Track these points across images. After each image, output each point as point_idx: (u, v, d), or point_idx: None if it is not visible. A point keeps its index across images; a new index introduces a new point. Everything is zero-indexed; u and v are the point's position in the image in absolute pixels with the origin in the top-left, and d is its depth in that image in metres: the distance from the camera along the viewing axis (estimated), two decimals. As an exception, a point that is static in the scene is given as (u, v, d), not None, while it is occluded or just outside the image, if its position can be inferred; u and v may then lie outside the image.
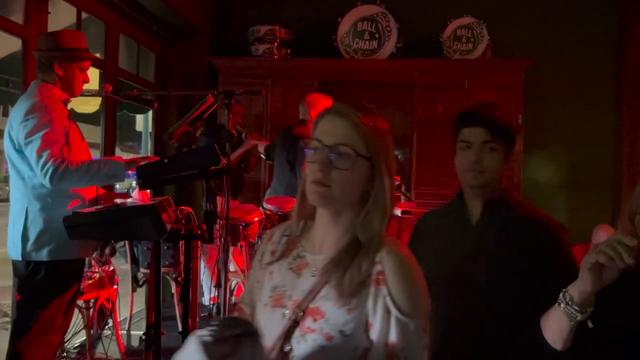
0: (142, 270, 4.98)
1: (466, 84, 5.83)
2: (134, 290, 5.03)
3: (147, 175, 2.49)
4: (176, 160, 2.54)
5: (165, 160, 2.54)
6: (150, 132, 9.70)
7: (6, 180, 26.95)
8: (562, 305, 1.44)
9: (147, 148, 10.44)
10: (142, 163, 2.76)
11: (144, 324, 5.28)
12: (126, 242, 4.84)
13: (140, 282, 5.13)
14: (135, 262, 4.97)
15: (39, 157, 2.68)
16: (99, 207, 2.69)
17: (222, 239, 2.94)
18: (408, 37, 6.08)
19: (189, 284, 2.80)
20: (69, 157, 2.75)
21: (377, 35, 6.07)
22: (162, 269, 4.98)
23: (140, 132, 11.09)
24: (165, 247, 4.91)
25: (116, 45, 5.25)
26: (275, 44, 6.10)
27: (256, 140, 5.18)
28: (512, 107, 5.76)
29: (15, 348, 2.81)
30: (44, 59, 2.98)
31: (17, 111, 2.81)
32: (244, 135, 5.59)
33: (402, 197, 5.47)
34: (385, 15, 6.05)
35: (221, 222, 3.04)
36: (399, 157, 7.07)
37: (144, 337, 2.96)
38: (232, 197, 5.09)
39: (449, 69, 5.94)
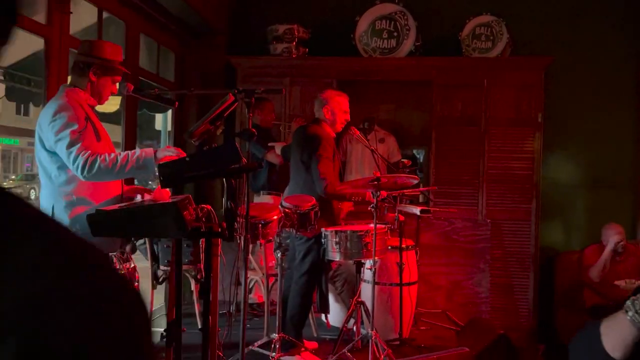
0: (162, 267, 5.02)
1: (485, 82, 5.81)
2: (154, 288, 5.09)
3: (169, 173, 2.52)
4: (197, 158, 2.57)
5: (187, 159, 2.57)
6: (169, 131, 9.78)
7: (26, 178, 27.31)
8: (631, 313, 1.42)
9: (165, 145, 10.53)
10: (168, 154, 2.80)
11: (163, 321, 5.35)
12: (146, 239, 4.90)
13: (160, 280, 5.18)
14: (155, 259, 5.02)
15: (69, 152, 2.77)
16: (121, 205, 2.72)
17: (242, 237, 2.96)
18: (426, 36, 6.07)
19: (209, 282, 2.82)
20: (97, 151, 2.82)
21: (395, 34, 6.07)
22: (182, 267, 5.04)
23: (159, 131, 11.15)
24: (185, 245, 4.94)
25: (136, 45, 5.30)
26: (294, 42, 6.12)
27: (298, 124, 5.20)
28: (531, 105, 5.74)
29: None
30: (81, 64, 3.07)
31: (46, 113, 2.92)
32: (286, 127, 5.65)
33: (421, 197, 5.47)
34: (404, 13, 6.05)
35: (241, 220, 3.06)
36: (417, 156, 7.07)
37: (164, 333, 3.00)
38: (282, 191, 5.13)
39: (467, 67, 5.92)
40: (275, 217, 3.61)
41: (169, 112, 7.67)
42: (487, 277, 5.77)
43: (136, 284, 4.08)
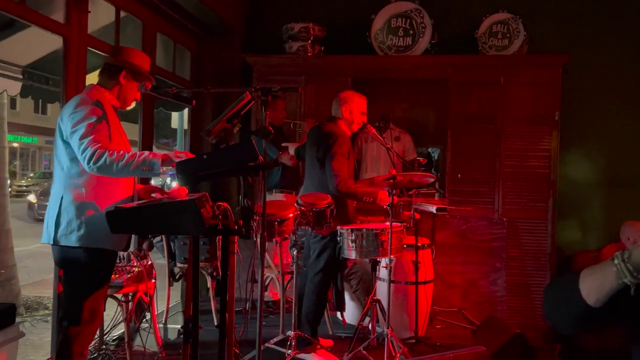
0: (178, 264, 5.06)
1: (502, 80, 5.77)
2: (170, 285, 5.12)
3: (186, 171, 2.53)
4: (214, 156, 2.58)
5: (204, 157, 2.59)
6: (185, 129, 9.82)
7: (44, 176, 27.56)
8: (617, 260, 1.40)
9: (182, 145, 10.58)
10: (179, 159, 2.81)
11: (180, 318, 5.40)
12: (163, 237, 4.93)
13: (177, 277, 5.22)
14: (172, 256, 5.06)
15: (81, 142, 2.81)
16: (140, 202, 2.74)
17: (259, 235, 2.97)
18: (443, 34, 6.05)
19: (226, 279, 2.84)
20: (109, 146, 2.85)
21: (411, 32, 6.05)
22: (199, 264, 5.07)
23: (175, 129, 11.23)
24: (202, 243, 4.96)
25: (153, 43, 5.33)
26: (309, 41, 6.12)
27: (310, 124, 5.22)
28: (548, 103, 5.69)
29: (65, 339, 2.90)
30: (113, 67, 3.12)
31: (69, 105, 3.00)
32: (297, 125, 5.66)
33: (437, 194, 5.46)
34: (420, 11, 6.03)
35: (257, 218, 3.08)
36: (432, 154, 7.05)
37: (182, 330, 3.02)
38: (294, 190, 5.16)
39: (484, 65, 5.89)
40: (291, 215, 3.62)
41: (185, 111, 7.72)
42: (503, 276, 5.74)
43: (153, 280, 4.13)
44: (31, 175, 30.06)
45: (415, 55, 6.04)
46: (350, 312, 4.93)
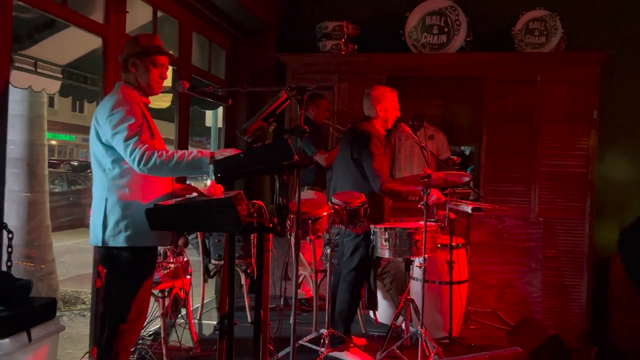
0: (213, 261, 5.12)
1: (538, 78, 5.69)
2: (205, 281, 5.19)
3: (224, 169, 2.56)
4: (251, 155, 2.61)
5: (242, 155, 2.61)
6: (219, 128, 9.89)
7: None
8: None
9: (216, 143, 10.66)
10: (219, 157, 2.83)
11: (214, 314, 5.46)
12: (198, 234, 4.99)
13: (211, 273, 5.28)
14: (206, 253, 5.12)
15: (127, 144, 2.82)
16: (178, 200, 2.78)
17: (294, 233, 2.98)
18: (478, 31, 5.98)
19: (261, 277, 2.86)
20: (155, 146, 2.87)
21: (446, 29, 6.00)
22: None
23: (209, 128, 11.31)
24: (236, 240, 5.03)
25: (189, 43, 5.40)
26: (343, 39, 6.12)
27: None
28: (586, 101, 5.60)
29: (112, 336, 2.95)
30: (122, 61, 3.13)
31: (103, 108, 2.97)
32: (334, 128, 5.68)
33: (472, 194, 5.40)
34: (455, 8, 5.98)
35: (292, 216, 3.09)
36: (466, 152, 6.98)
37: (217, 326, 3.05)
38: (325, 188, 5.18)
39: (520, 62, 5.81)
40: (325, 214, 3.63)
41: (219, 109, 7.80)
42: (539, 277, 5.67)
43: (189, 277, 4.18)
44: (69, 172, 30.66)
45: (450, 53, 5.99)
46: (383, 311, 4.92)
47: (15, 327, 2.81)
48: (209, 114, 11.26)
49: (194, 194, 3.14)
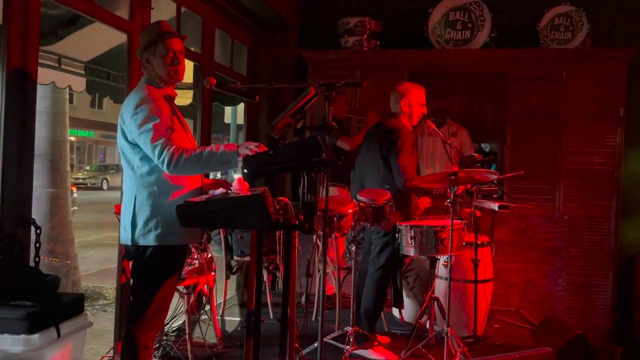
0: (235, 257, 5.12)
1: (564, 74, 5.63)
2: (227, 278, 5.19)
3: (254, 166, 2.55)
4: (282, 151, 2.59)
5: (271, 152, 2.59)
6: (238, 124, 9.88)
7: (99, 169, 28.34)
8: None
9: (236, 139, 10.66)
10: (250, 150, 2.80)
11: (236, 310, 5.46)
12: (220, 230, 4.99)
13: (234, 270, 5.29)
14: (229, 250, 5.12)
15: (154, 146, 2.78)
16: (208, 196, 2.76)
17: (321, 231, 2.96)
18: (502, 27, 5.93)
19: (289, 274, 2.84)
20: (182, 145, 2.85)
21: (469, 25, 5.95)
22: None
23: (228, 124, 11.32)
24: (259, 237, 5.03)
25: (212, 39, 5.39)
26: (365, 35, 6.09)
27: (374, 117, 5.19)
28: (612, 98, 5.52)
29: (130, 330, 2.94)
30: (140, 58, 3.09)
31: (128, 105, 2.93)
32: (359, 120, 5.66)
33: (499, 192, 5.35)
34: (479, 4, 5.92)
35: (318, 213, 3.07)
36: (486, 149, 6.91)
37: (244, 323, 3.04)
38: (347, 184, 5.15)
39: (545, 59, 5.74)
40: (350, 211, 3.60)
41: (240, 106, 7.81)
42: (564, 276, 5.61)
43: (213, 273, 4.18)
44: (87, 168, 30.98)
45: (474, 49, 5.93)
46: (406, 310, 4.89)
47: (44, 322, 2.82)
48: (227, 110, 11.29)
49: (220, 190, 3.12)
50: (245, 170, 2.64)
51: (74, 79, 6.21)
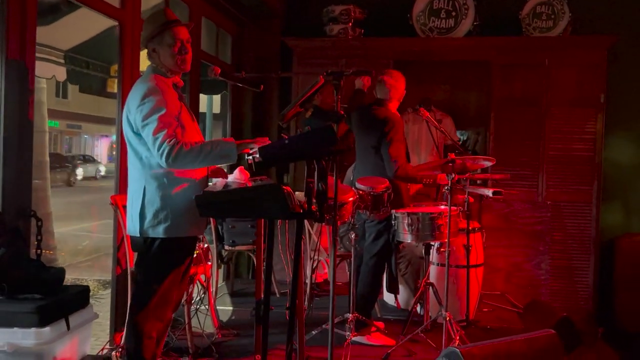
0: (226, 247, 5.12)
1: (546, 62, 5.72)
2: (218, 267, 5.19)
3: (269, 155, 2.55)
4: (295, 140, 2.59)
5: (286, 141, 2.59)
6: (215, 114, 9.75)
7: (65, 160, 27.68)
8: None
9: (211, 129, 10.57)
10: (254, 145, 2.81)
11: (227, 299, 5.45)
12: (211, 220, 4.97)
13: (225, 259, 5.28)
14: (220, 239, 5.12)
15: (155, 138, 2.75)
16: (228, 187, 2.75)
17: (331, 219, 2.97)
18: (485, 15, 5.97)
19: (298, 262, 2.86)
20: (182, 138, 2.82)
21: (453, 14, 5.99)
22: (246, 247, 5.13)
23: (203, 113, 11.22)
24: (249, 226, 5.04)
25: (199, 28, 5.34)
26: (350, 23, 6.08)
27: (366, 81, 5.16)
28: (593, 85, 5.64)
29: (134, 320, 2.92)
30: (144, 48, 3.05)
31: (134, 95, 2.89)
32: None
33: (489, 180, 5.41)
34: (462, -8, 5.97)
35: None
36: (462, 137, 7.00)
37: (253, 312, 3.05)
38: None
39: (527, 47, 5.83)
40: (351, 199, 3.62)
41: (215, 95, 7.77)
42: (547, 260, 5.74)
43: (210, 263, 4.17)
44: (53, 158, 30.30)
45: (458, 37, 5.98)
46: (400, 296, 4.96)
47: (54, 315, 2.79)
48: (203, 99, 11.18)
49: (220, 179, 3.11)
50: (256, 160, 2.63)
51: (55, 68, 6.09)
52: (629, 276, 5.80)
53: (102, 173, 28.56)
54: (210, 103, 10.43)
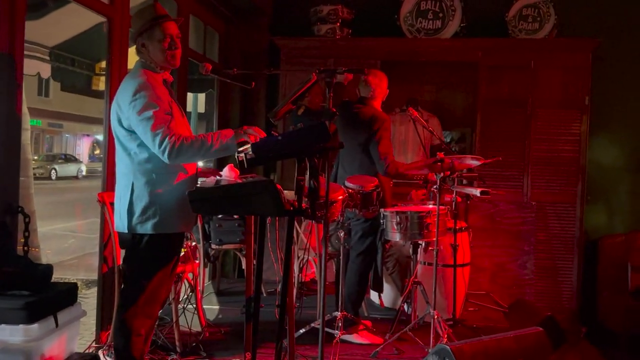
0: (213, 246, 5.10)
1: (532, 64, 5.78)
2: (205, 266, 5.17)
3: (262, 152, 2.54)
4: (288, 137, 2.59)
5: (279, 138, 2.58)
6: (200, 113, 9.69)
7: (47, 158, 27.43)
8: None
9: (195, 127, 10.52)
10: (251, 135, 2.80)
11: (213, 298, 5.43)
12: (199, 218, 4.95)
13: (212, 258, 5.26)
14: (207, 238, 5.09)
15: (155, 134, 2.73)
16: (221, 183, 2.74)
17: (322, 217, 2.97)
18: (472, 17, 6.02)
19: (289, 260, 2.85)
20: (182, 133, 2.81)
21: (441, 15, 6.03)
22: (233, 246, 5.11)
23: (189, 112, 11.19)
24: (236, 224, 5.02)
25: (187, 26, 5.31)
26: (338, 23, 6.10)
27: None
28: (578, 87, 5.71)
29: (122, 317, 2.90)
30: (133, 43, 3.03)
31: (125, 91, 2.86)
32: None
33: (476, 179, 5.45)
34: (450, -6, 6.01)
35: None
36: (447, 138, 7.03)
37: (244, 309, 3.04)
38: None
39: (514, 48, 5.88)
40: (340, 197, 3.62)
41: (200, 94, 7.73)
42: (532, 260, 5.79)
43: (197, 261, 4.15)
44: (35, 157, 29.96)
45: (445, 39, 6.02)
46: (386, 294, 4.98)
47: (42, 312, 2.76)
48: (188, 97, 11.14)
49: (210, 177, 3.10)
50: (248, 157, 2.62)
51: (40, 65, 6.03)
52: (612, 277, 5.87)
53: (84, 173, 28.31)
54: (195, 101, 10.41)
